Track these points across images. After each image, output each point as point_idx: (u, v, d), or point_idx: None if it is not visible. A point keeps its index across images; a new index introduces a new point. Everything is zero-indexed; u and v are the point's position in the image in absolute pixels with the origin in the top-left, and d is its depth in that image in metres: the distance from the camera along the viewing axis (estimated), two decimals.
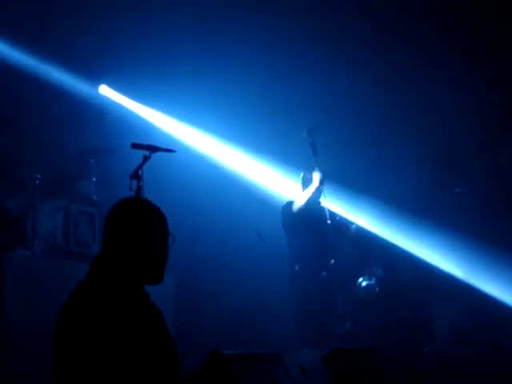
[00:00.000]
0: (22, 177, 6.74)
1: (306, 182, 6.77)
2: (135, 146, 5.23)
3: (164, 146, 5.35)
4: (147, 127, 8.47)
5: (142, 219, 2.69)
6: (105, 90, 8.62)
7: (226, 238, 8.23)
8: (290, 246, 6.67)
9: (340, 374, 4.83)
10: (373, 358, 5.50)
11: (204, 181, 8.16)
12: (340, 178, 7.18)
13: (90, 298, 2.57)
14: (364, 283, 7.64)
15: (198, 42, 8.09)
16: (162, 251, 2.73)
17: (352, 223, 7.09)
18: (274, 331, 6.38)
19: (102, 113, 7.99)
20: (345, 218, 7.09)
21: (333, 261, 6.67)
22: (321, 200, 6.73)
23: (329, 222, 6.61)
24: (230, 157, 8.61)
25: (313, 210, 6.64)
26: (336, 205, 7.03)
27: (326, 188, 6.60)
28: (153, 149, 5.23)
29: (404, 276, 7.84)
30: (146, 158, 5.18)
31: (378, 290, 7.62)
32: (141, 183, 5.07)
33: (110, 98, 8.60)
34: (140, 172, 5.12)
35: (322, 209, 6.70)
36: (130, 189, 4.98)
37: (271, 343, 6.10)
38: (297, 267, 6.56)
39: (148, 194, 4.57)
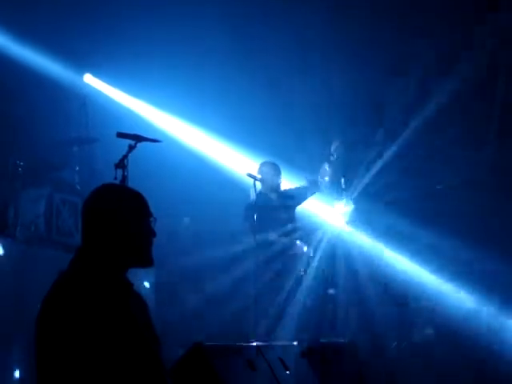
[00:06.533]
0: (4, 164, 6.69)
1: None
2: (121, 135, 5.24)
3: (150, 136, 5.36)
4: (132, 117, 8.44)
5: (124, 203, 2.68)
6: (89, 79, 8.58)
7: (208, 228, 8.24)
8: None
9: (319, 366, 4.88)
10: (352, 352, 5.56)
11: (190, 172, 8.15)
12: None
13: (74, 290, 2.54)
14: None
15: (185, 33, 8.07)
16: (147, 233, 2.71)
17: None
18: (257, 323, 6.39)
19: (86, 101, 7.94)
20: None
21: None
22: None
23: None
24: (215, 148, 8.61)
25: None
26: None
27: None
28: (138, 138, 5.24)
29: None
30: (131, 148, 5.18)
31: None
32: (126, 173, 5.07)
33: (94, 87, 8.57)
34: (125, 161, 5.11)
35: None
36: (115, 178, 4.98)
37: (253, 335, 6.12)
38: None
39: (133, 184, 4.56)
